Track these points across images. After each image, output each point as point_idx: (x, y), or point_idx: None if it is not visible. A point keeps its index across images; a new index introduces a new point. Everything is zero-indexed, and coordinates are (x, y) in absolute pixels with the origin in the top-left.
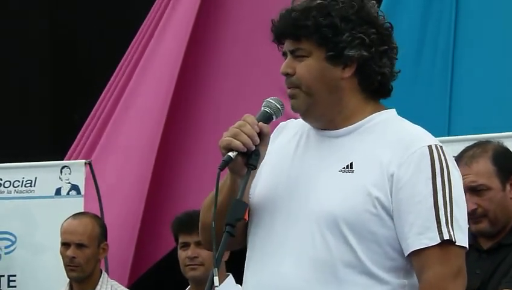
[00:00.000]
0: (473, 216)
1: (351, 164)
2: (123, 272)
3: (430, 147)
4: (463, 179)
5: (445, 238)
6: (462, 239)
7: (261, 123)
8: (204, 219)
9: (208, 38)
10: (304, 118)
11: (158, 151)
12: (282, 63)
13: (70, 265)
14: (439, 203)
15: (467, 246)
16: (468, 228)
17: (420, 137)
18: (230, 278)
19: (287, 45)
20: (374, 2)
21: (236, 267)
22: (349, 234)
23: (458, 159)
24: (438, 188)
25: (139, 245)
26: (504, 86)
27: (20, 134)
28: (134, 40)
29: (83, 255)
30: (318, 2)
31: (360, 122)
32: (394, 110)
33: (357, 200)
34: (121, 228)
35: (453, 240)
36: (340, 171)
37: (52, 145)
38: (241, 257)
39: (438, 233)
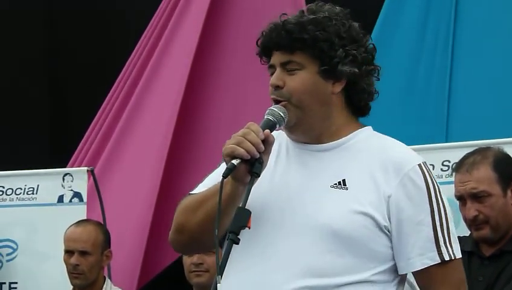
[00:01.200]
0: (475, 223)
1: (344, 181)
2: (131, 281)
3: (420, 166)
4: (464, 186)
5: (445, 259)
6: (458, 251)
7: (267, 131)
8: (184, 221)
9: (214, 49)
10: (291, 132)
11: (167, 160)
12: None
13: (73, 273)
14: (436, 224)
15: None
16: (470, 235)
17: (409, 156)
18: None
19: (278, 57)
20: (357, 24)
21: None
22: (344, 248)
23: (458, 165)
24: (434, 208)
25: (148, 253)
26: (503, 92)
27: (22, 141)
28: (136, 47)
29: (86, 263)
30: (312, 17)
31: (344, 138)
32: (371, 127)
33: (355, 216)
34: (130, 237)
35: (453, 257)
36: (332, 187)
37: (54, 152)
38: None
39: (437, 253)
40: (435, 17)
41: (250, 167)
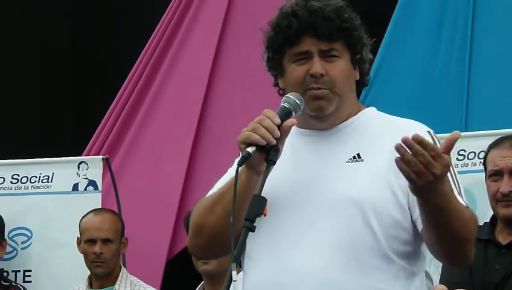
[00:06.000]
0: (507, 199)
1: (358, 154)
2: (157, 270)
3: (429, 132)
4: (504, 160)
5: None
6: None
7: (292, 119)
8: (201, 221)
9: (235, 39)
10: (323, 120)
11: (192, 151)
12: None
13: (96, 261)
14: (449, 178)
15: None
16: (485, 224)
17: (418, 124)
18: (242, 273)
19: (315, 45)
20: None
21: None
22: (371, 216)
23: (497, 143)
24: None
25: (173, 243)
26: None
27: (39, 130)
28: (150, 39)
29: (109, 251)
30: (337, 4)
31: (352, 118)
32: (374, 108)
33: (375, 183)
34: (154, 225)
35: (469, 208)
36: (348, 161)
37: (70, 141)
38: None
39: None
40: (453, 7)
41: (266, 154)
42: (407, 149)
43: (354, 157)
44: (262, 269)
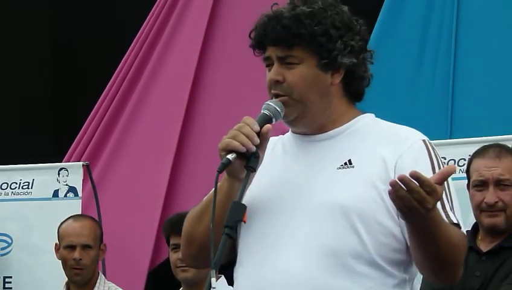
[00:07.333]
0: (491, 209)
1: (349, 160)
2: (139, 279)
3: (424, 141)
4: (490, 171)
5: (454, 222)
6: (463, 227)
7: (267, 125)
8: (191, 231)
9: (219, 44)
10: (292, 125)
11: (174, 158)
12: None
13: (76, 268)
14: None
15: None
16: (480, 222)
17: (413, 132)
18: (223, 279)
19: (274, 51)
20: (347, 8)
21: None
22: (359, 223)
23: (482, 151)
24: None
25: (156, 251)
26: (505, 88)
27: (19, 136)
28: (133, 42)
29: (88, 257)
30: (307, 10)
31: (346, 124)
32: (373, 114)
33: (365, 190)
34: (137, 236)
35: (460, 224)
36: (339, 168)
37: (51, 147)
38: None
39: (445, 217)
40: (437, 14)
41: (246, 161)
42: (402, 186)
43: (345, 163)
44: (249, 275)
